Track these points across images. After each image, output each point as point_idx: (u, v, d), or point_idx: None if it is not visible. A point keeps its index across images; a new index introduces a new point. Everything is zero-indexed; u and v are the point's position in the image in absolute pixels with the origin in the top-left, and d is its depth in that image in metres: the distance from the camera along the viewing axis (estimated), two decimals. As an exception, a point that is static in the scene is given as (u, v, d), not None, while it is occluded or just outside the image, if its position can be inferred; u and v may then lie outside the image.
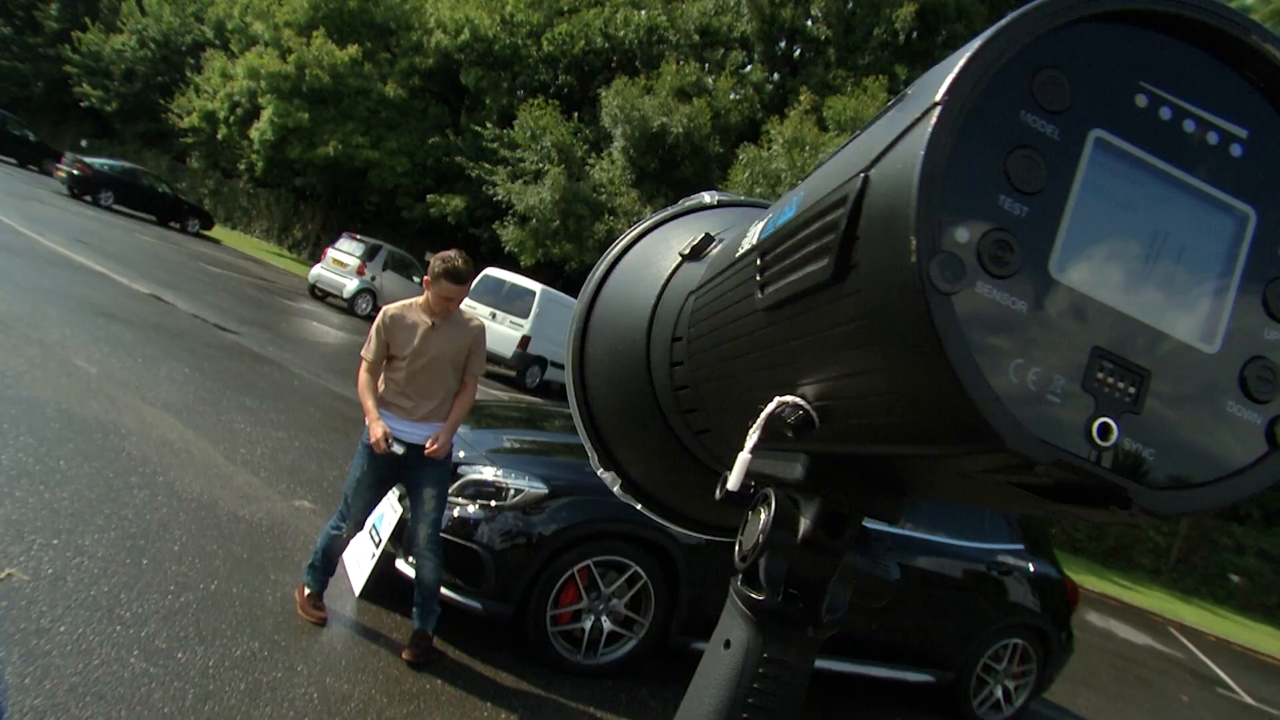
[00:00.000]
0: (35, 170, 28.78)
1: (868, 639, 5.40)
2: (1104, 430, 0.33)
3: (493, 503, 4.35)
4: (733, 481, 0.46)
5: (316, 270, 18.63)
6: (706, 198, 0.64)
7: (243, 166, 29.86)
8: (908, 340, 0.32)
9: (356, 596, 4.41)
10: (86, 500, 4.37)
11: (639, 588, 4.56)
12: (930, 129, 0.32)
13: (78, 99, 37.00)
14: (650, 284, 0.57)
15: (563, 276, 23.22)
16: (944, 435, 0.33)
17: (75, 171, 23.06)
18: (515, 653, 4.45)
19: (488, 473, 4.47)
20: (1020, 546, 5.95)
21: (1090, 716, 7.16)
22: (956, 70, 0.32)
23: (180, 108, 31.20)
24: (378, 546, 4.47)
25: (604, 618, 4.55)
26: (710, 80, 24.66)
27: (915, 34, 24.25)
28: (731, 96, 24.46)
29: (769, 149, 19.84)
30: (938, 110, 0.32)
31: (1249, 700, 10.66)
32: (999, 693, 5.86)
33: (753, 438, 0.43)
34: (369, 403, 4.02)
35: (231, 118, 27.59)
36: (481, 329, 4.19)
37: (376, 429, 3.95)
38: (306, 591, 4.10)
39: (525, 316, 15.86)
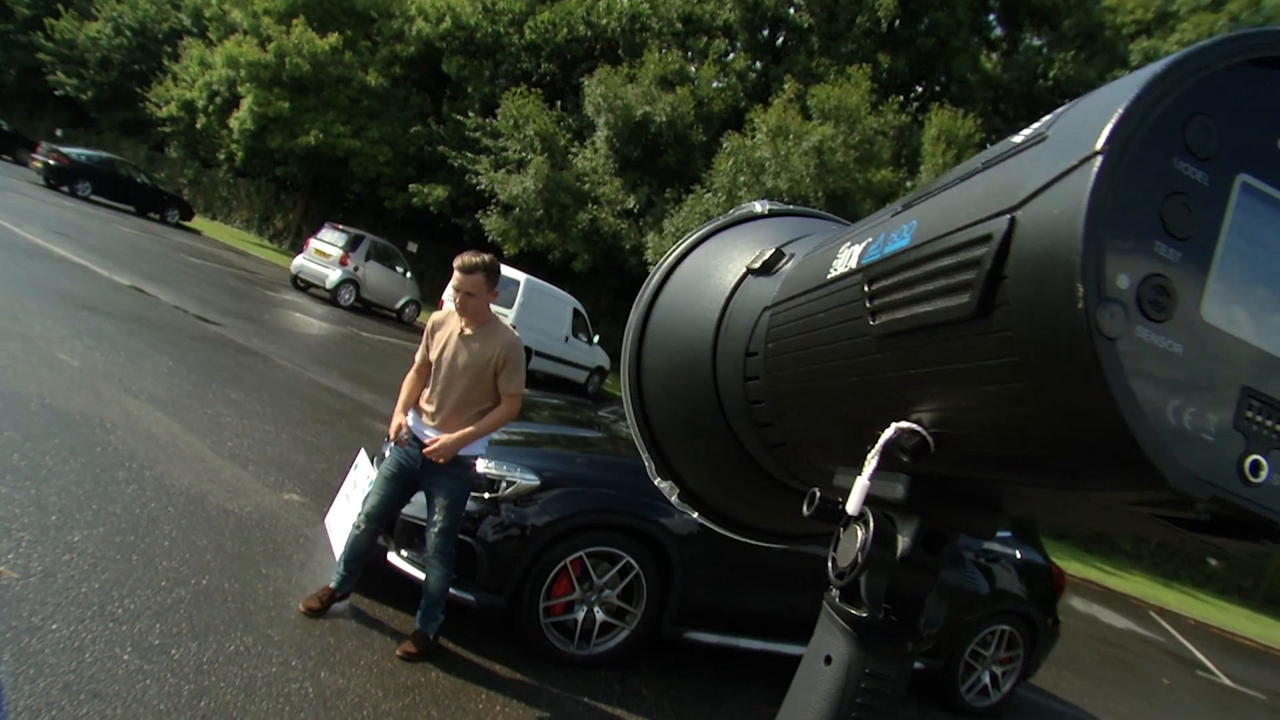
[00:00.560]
0: (10, 160, 28.42)
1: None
2: (1255, 467, 0.35)
3: (485, 495, 4.34)
4: (853, 505, 0.47)
5: (299, 261, 18.49)
6: (758, 207, 0.65)
7: (222, 156, 29.55)
8: (1069, 381, 0.33)
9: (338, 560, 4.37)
10: (74, 496, 4.33)
11: (631, 578, 4.57)
12: (1093, 179, 0.33)
13: (52, 87, 36.49)
14: (713, 296, 0.57)
15: (546, 266, 23.16)
16: (1099, 471, 0.34)
17: (51, 161, 22.74)
18: (508, 644, 4.46)
19: (479, 465, 4.46)
20: (1007, 534, 6.00)
21: (1075, 701, 7.25)
22: (1116, 119, 0.33)
23: (158, 97, 30.84)
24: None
25: (596, 608, 4.56)
26: (693, 69, 24.61)
27: (898, 22, 24.29)
28: (714, 85, 24.42)
29: (753, 137, 19.82)
30: (1099, 160, 0.33)
31: (1227, 682, 10.83)
32: (986, 679, 5.91)
33: (872, 463, 0.44)
34: (400, 398, 4.16)
35: (210, 107, 27.30)
36: (513, 344, 4.02)
37: (394, 421, 4.09)
38: (332, 585, 4.14)
39: (510, 307, 15.82)
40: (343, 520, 4.91)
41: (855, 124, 19.58)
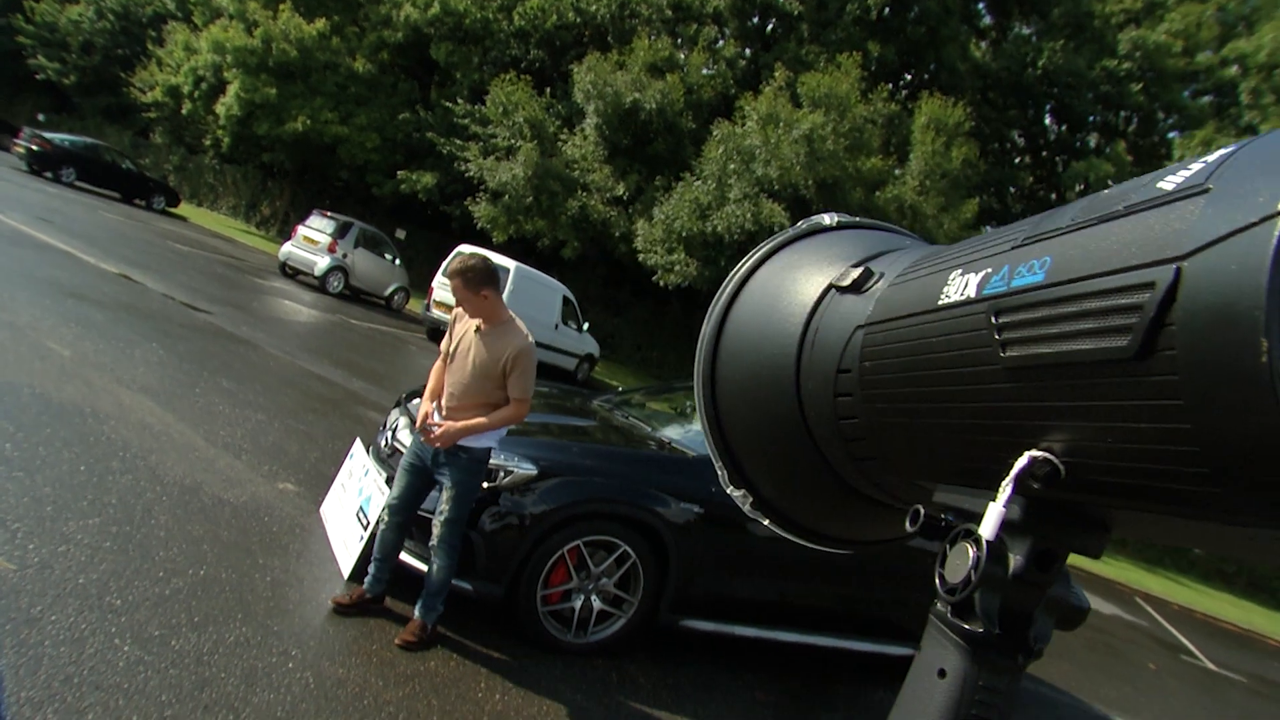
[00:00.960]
0: (-8, 146, 28.07)
1: (849, 615, 5.48)
2: None
3: (483, 485, 4.34)
4: (989, 530, 0.48)
5: (287, 248, 18.38)
6: (826, 219, 0.65)
7: (208, 142, 29.29)
8: (1246, 428, 0.34)
9: (346, 579, 4.39)
10: (68, 486, 4.31)
11: (628, 567, 4.59)
12: (1276, 239, 0.33)
13: (33, 71, 36.04)
14: (793, 311, 0.58)
15: (535, 253, 23.10)
16: (1264, 509, 0.35)
17: (34, 147, 22.50)
18: (505, 633, 4.47)
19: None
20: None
21: (1064, 686, 7.33)
22: None
23: (142, 81, 30.51)
24: (365, 529, 4.45)
25: (593, 597, 4.57)
26: (683, 56, 24.52)
27: (888, 10, 24.25)
28: (704, 72, 24.34)
29: (743, 125, 19.78)
30: None
31: (1211, 666, 10.97)
32: (978, 664, 5.97)
33: (1007, 490, 0.45)
34: (428, 386, 4.27)
35: (196, 92, 27.02)
36: (523, 349, 3.98)
37: (422, 408, 4.17)
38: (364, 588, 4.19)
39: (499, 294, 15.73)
40: (339, 510, 4.92)
41: (845, 112, 19.57)
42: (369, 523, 4.44)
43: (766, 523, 0.62)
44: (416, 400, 5.14)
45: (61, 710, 2.68)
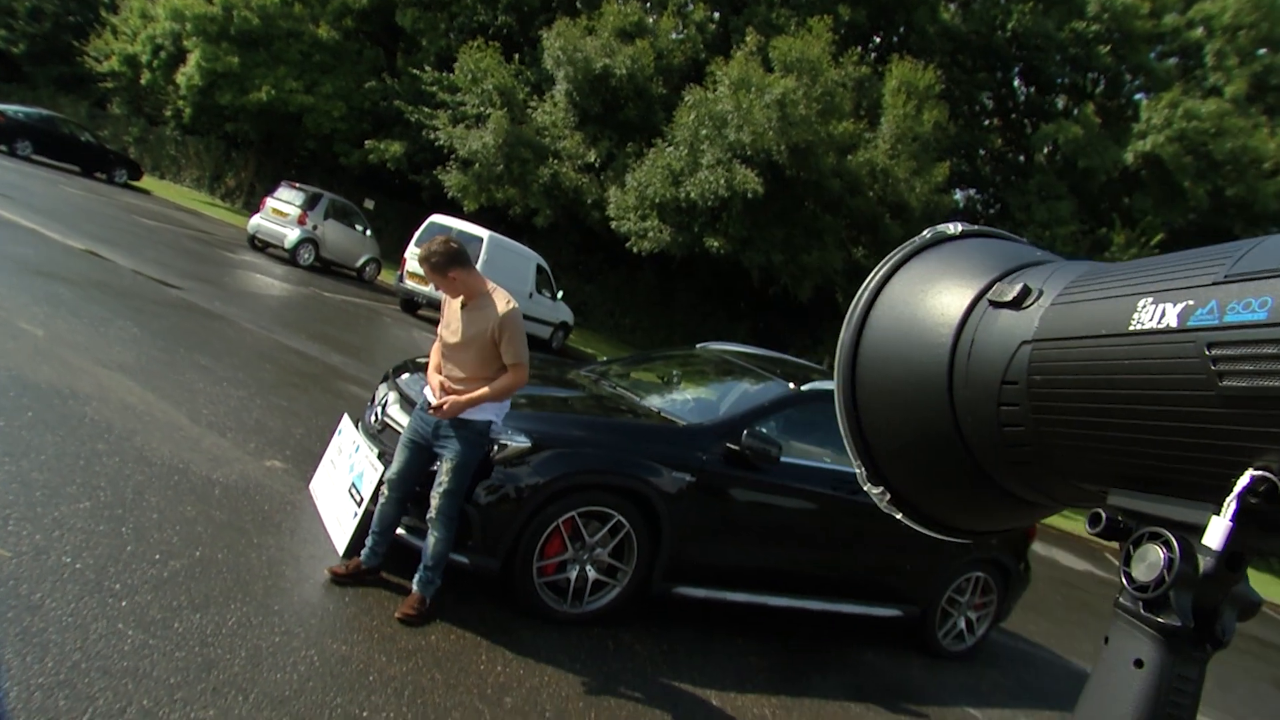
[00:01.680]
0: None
1: (838, 578, 5.57)
2: None
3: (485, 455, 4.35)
4: (1217, 542, 0.51)
5: (256, 220, 18.07)
6: (950, 229, 0.69)
7: (169, 113, 28.58)
8: None
9: (341, 556, 4.39)
10: (56, 470, 4.25)
11: (621, 536, 4.63)
12: None
13: (-21, 39, 34.90)
14: (939, 322, 0.61)
15: (506, 221, 22.89)
16: None
17: (-13, 120, 21.86)
18: (502, 605, 4.50)
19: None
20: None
21: (1042, 642, 7.52)
22: None
23: (97, 50, 29.64)
24: (359, 505, 4.45)
25: (588, 567, 4.61)
26: (652, 20, 24.23)
27: (858, -29, 24.09)
28: (673, 36, 24.09)
29: (715, 91, 19.65)
30: None
31: (1181, 618, 11.29)
32: (962, 624, 6.11)
33: (1231, 506, 0.49)
34: (430, 363, 4.34)
35: (155, 62, 26.31)
36: (507, 315, 4.03)
37: (429, 383, 4.25)
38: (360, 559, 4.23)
39: (474, 263, 15.64)
40: (330, 487, 4.90)
41: (817, 76, 19.49)
42: (362, 499, 4.43)
43: (899, 516, 0.66)
44: (406, 375, 5.12)
45: (72, 696, 2.67)
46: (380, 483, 4.34)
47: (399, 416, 4.77)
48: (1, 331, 6.17)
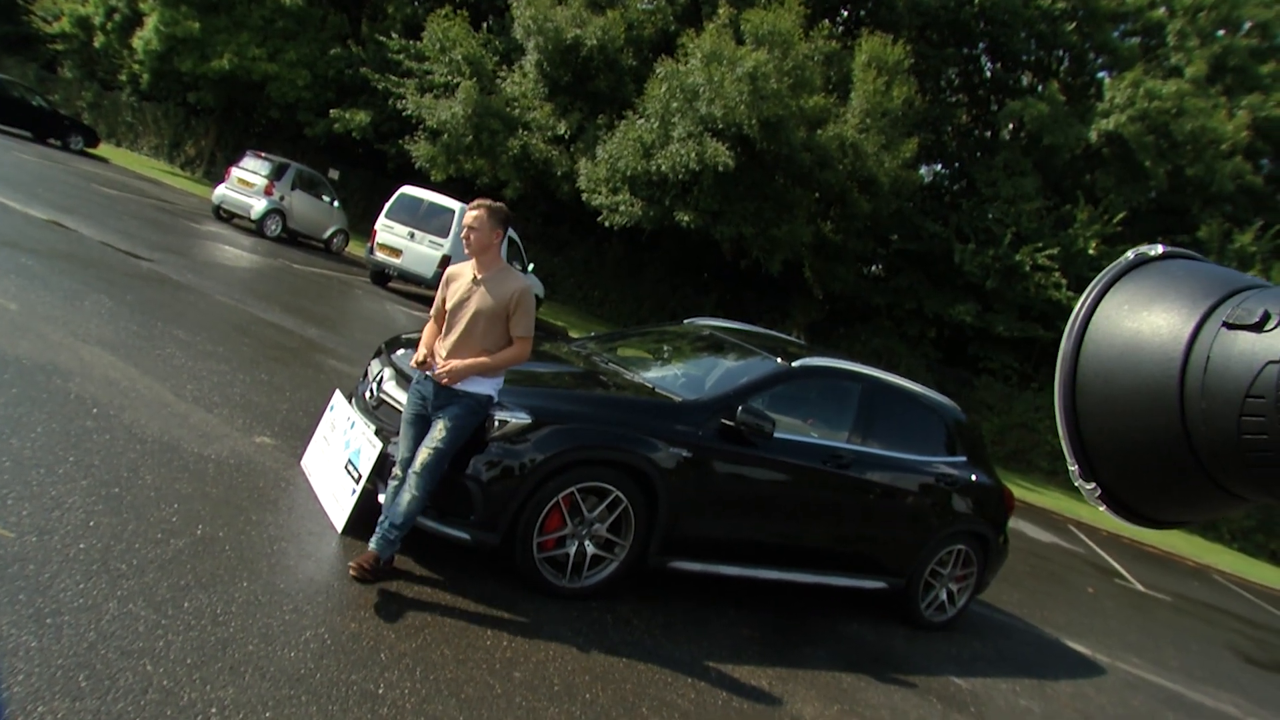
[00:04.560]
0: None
1: (827, 552, 5.67)
2: None
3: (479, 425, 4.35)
4: None
5: (221, 190, 17.67)
6: (1151, 251, 0.72)
7: (124, 78, 27.78)
8: None
9: (339, 532, 4.38)
10: (48, 448, 4.18)
11: (619, 512, 4.66)
12: None
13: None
14: (1165, 340, 0.66)
15: (475, 192, 22.64)
16: None
17: (-67, 83, 21.09)
18: (502, 580, 4.53)
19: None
20: (963, 459, 6.28)
21: (1015, 612, 7.72)
22: None
23: (45, 10, 28.69)
24: (357, 483, 4.43)
25: (587, 542, 4.64)
26: (622, -10, 23.96)
27: (829, -56, 24.00)
28: (643, 6, 23.87)
29: (686, 63, 19.53)
30: None
31: (1141, 588, 11.63)
32: (944, 595, 6.25)
33: None
34: (422, 339, 4.34)
35: (109, 24, 25.54)
36: (525, 289, 4.16)
37: (418, 354, 4.25)
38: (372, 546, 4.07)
39: (445, 235, 15.56)
40: (324, 463, 4.87)
41: (788, 50, 19.45)
42: (361, 475, 4.41)
43: (1103, 509, 0.70)
44: (401, 351, 5.07)
45: (92, 677, 2.65)
46: (378, 460, 4.32)
47: (395, 393, 4.74)
48: (-27, 305, 6.01)
